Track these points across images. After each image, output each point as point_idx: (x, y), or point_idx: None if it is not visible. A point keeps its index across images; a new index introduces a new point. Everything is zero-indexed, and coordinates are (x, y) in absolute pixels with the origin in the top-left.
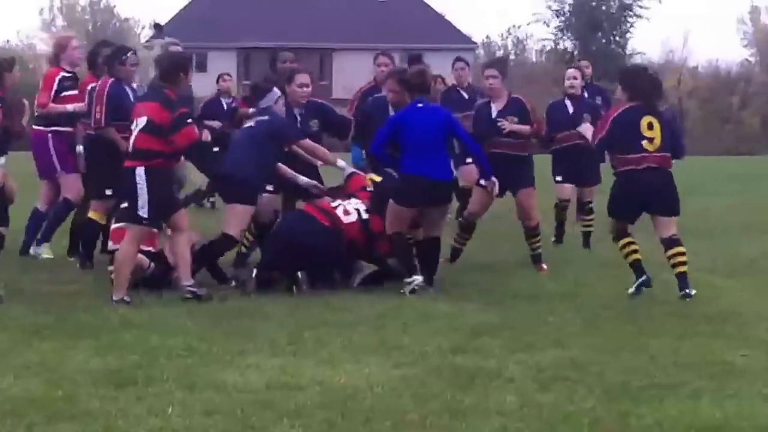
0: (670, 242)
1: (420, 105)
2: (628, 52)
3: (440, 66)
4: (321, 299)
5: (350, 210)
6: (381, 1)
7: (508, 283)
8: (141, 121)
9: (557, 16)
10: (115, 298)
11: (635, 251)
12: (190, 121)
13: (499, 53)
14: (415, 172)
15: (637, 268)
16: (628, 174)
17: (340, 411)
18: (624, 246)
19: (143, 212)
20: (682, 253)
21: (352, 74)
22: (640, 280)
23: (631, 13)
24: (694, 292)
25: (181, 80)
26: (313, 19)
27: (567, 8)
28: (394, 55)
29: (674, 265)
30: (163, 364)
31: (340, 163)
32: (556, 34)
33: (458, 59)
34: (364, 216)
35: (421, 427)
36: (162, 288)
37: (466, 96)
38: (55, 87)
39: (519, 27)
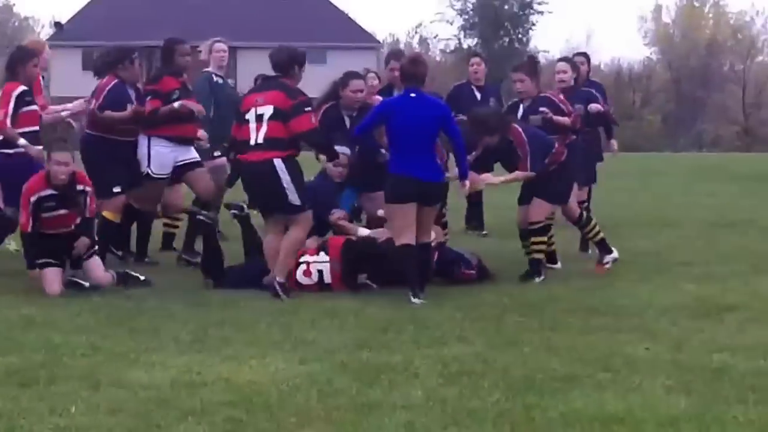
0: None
1: (413, 95)
2: (530, 51)
3: (344, 65)
4: (226, 297)
5: (313, 271)
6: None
7: None
8: (266, 110)
9: (460, 15)
10: (279, 279)
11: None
12: (308, 109)
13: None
14: (404, 172)
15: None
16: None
17: (245, 407)
18: (543, 242)
19: (296, 199)
20: None
21: (257, 72)
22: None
23: (532, 11)
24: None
25: (296, 73)
26: (217, 17)
27: (470, 7)
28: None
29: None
30: (66, 363)
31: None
32: (458, 33)
33: (474, 54)
34: (326, 281)
35: (326, 422)
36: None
37: (478, 95)
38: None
39: (422, 26)
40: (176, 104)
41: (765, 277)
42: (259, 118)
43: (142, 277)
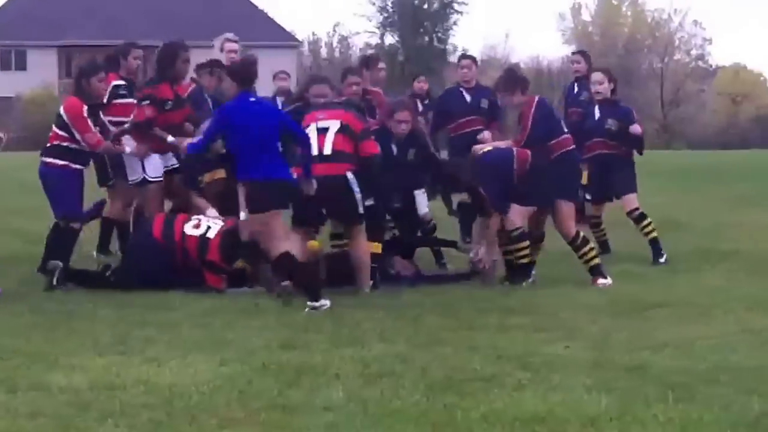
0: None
1: (252, 99)
2: (450, 49)
3: (263, 64)
4: (148, 298)
5: (202, 225)
6: None
7: None
8: (332, 124)
9: (380, 13)
10: (367, 290)
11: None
12: (373, 136)
13: (324, 51)
14: (256, 176)
15: (530, 269)
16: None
17: (165, 410)
18: (526, 247)
19: (362, 209)
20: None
21: None
22: (532, 279)
23: (452, 9)
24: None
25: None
26: (134, 15)
27: (389, 5)
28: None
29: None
30: None
31: None
32: (378, 30)
33: (463, 56)
34: (209, 235)
35: (247, 424)
36: None
37: (468, 98)
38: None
39: (340, 24)
40: (169, 139)
41: (684, 275)
42: (322, 131)
43: None
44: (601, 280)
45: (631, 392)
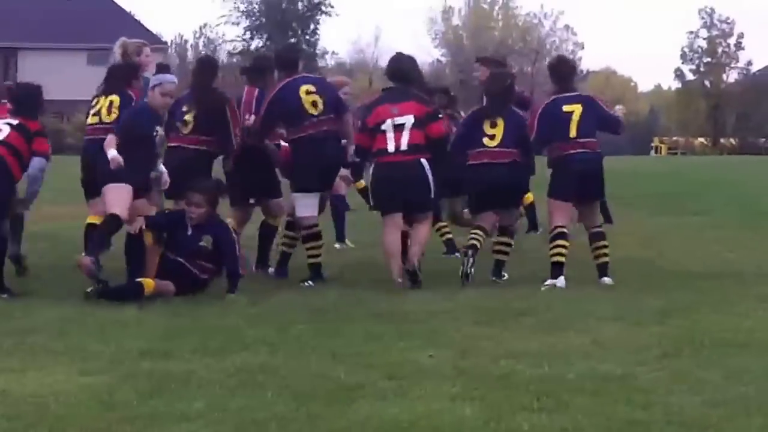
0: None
1: None
2: (318, 52)
3: None
4: (3, 305)
5: None
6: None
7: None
8: (407, 120)
9: (246, 17)
10: (400, 279)
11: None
12: (441, 116)
13: (190, 53)
14: None
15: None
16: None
17: (22, 421)
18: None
19: (432, 197)
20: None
21: (39, 74)
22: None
23: (319, 11)
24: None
25: (416, 78)
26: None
27: (256, 8)
28: None
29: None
30: None
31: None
32: (246, 34)
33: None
34: None
35: None
36: None
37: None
38: None
39: (206, 26)
40: None
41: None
42: (398, 127)
43: None
44: (550, 280)
45: (497, 401)
